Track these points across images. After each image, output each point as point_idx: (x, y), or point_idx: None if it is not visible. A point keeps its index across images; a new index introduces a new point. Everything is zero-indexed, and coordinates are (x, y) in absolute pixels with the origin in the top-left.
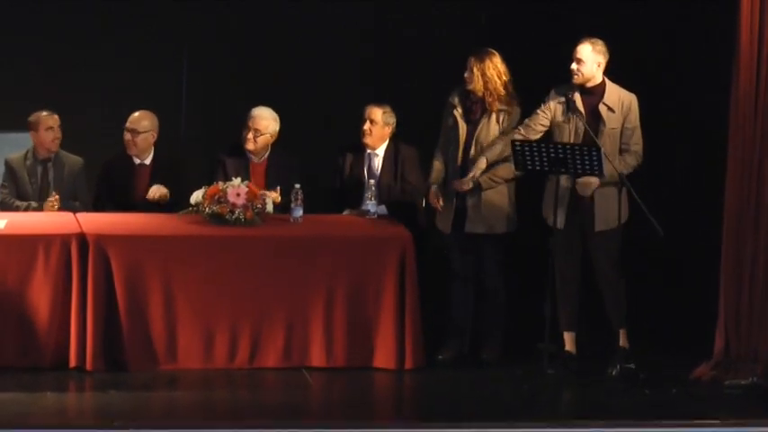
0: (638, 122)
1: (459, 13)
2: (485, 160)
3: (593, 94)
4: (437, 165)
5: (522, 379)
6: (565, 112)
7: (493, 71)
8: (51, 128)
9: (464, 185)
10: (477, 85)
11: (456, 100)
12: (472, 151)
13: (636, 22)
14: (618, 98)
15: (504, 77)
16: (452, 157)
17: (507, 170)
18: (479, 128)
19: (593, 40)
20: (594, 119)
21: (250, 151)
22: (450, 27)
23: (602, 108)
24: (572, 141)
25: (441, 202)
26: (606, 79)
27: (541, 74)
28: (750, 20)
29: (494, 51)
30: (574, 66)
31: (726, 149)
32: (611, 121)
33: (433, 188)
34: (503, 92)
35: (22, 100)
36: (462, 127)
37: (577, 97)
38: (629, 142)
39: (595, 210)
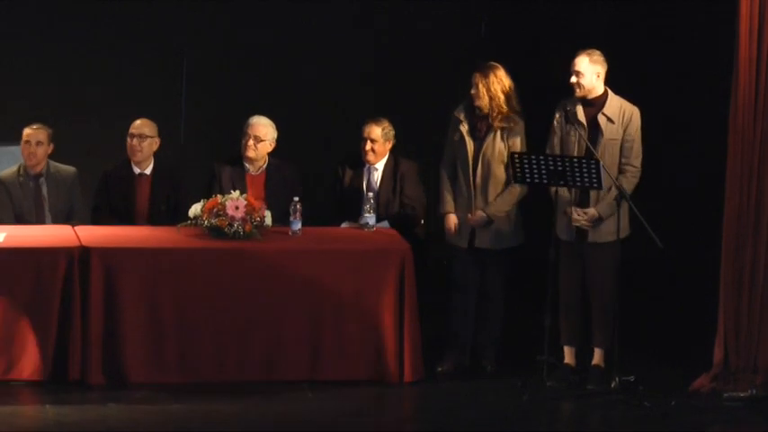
0: (638, 136)
1: (459, 12)
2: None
3: (594, 106)
4: (447, 196)
5: (522, 391)
6: (564, 124)
7: (497, 86)
8: (28, 142)
9: (478, 221)
10: (483, 101)
11: (462, 115)
12: (479, 168)
13: (636, 24)
14: (619, 109)
15: (509, 91)
16: (463, 174)
17: (514, 194)
18: (485, 145)
19: (590, 51)
20: (594, 130)
21: (251, 159)
22: (449, 32)
23: (600, 118)
24: (575, 153)
25: (455, 230)
26: (609, 90)
27: (541, 78)
28: (749, 22)
29: (497, 65)
30: (573, 79)
31: (725, 157)
32: (610, 132)
33: (451, 216)
34: (505, 108)
35: (19, 112)
36: (469, 143)
37: (579, 109)
38: (629, 156)
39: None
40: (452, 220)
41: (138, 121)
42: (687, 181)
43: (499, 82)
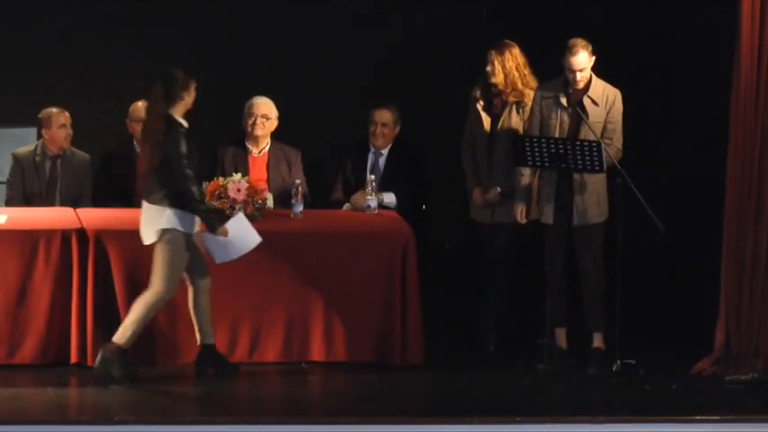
0: (620, 119)
1: (460, 12)
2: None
3: (578, 89)
4: (470, 172)
5: (523, 374)
6: (554, 106)
7: (512, 63)
8: (64, 125)
9: (494, 198)
10: (498, 77)
11: (478, 93)
12: (496, 143)
13: (636, 19)
14: (602, 92)
15: (524, 68)
16: (480, 149)
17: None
18: (501, 120)
19: (581, 43)
20: (578, 112)
21: (258, 138)
22: (450, 32)
23: (586, 101)
24: (557, 135)
25: (483, 202)
26: (592, 74)
27: (541, 66)
28: (751, 15)
29: (512, 43)
30: (578, 76)
31: (726, 144)
32: (595, 115)
33: (477, 190)
34: (519, 84)
35: (23, 95)
36: (486, 119)
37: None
38: (612, 138)
39: (575, 204)
40: (477, 193)
41: (139, 104)
42: (689, 164)
43: (514, 59)
